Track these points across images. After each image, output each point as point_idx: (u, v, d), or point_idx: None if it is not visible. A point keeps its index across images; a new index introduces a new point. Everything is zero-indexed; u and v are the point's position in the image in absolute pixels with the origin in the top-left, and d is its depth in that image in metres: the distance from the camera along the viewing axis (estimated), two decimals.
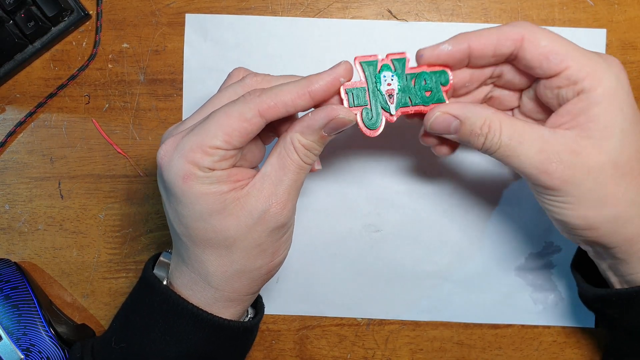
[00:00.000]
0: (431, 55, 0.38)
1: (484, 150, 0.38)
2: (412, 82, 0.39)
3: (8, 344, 0.47)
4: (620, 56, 0.51)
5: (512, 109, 0.43)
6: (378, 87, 0.38)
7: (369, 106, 0.38)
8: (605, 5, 0.51)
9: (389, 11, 0.52)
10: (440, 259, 0.52)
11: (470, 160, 0.51)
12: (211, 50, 0.51)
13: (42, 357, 0.47)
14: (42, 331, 0.48)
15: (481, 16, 0.51)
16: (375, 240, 0.52)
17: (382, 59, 0.39)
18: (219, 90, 0.40)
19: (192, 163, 0.36)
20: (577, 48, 0.37)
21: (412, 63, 0.39)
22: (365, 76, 0.38)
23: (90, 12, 0.52)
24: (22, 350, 0.47)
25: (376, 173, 0.51)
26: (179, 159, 0.36)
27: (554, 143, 0.36)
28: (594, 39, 0.51)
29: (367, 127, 0.39)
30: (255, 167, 0.42)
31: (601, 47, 0.51)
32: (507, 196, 0.51)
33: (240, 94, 0.38)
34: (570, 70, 0.36)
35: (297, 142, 0.37)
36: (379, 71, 0.38)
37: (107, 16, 0.52)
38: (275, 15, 0.52)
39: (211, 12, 0.52)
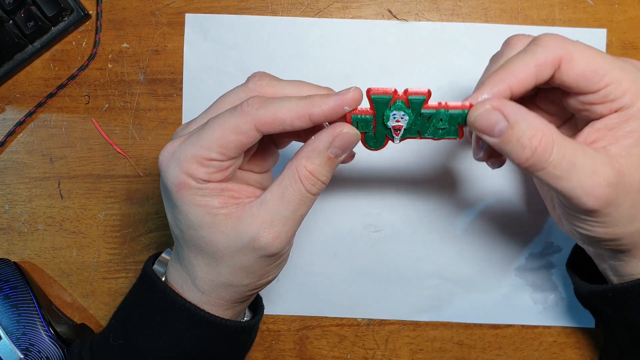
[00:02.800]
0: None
1: (527, 166, 0.34)
2: (426, 120, 0.36)
3: (7, 344, 0.46)
4: (620, 56, 0.50)
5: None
6: (386, 122, 0.36)
7: (373, 132, 0.37)
8: (605, 5, 0.51)
9: (389, 11, 0.52)
10: (440, 259, 0.52)
11: (471, 161, 0.51)
12: (211, 50, 0.51)
13: (42, 357, 0.47)
14: (41, 331, 0.48)
15: (481, 16, 0.51)
16: (375, 240, 0.52)
17: (398, 95, 0.35)
18: (226, 93, 0.39)
19: (187, 173, 0.36)
20: (613, 61, 0.35)
21: (432, 100, 0.36)
22: (374, 111, 0.36)
23: (90, 12, 0.52)
24: (21, 350, 0.47)
25: (376, 173, 0.51)
26: (175, 167, 0.36)
27: (602, 164, 0.34)
28: (594, 39, 0.51)
29: (368, 147, 0.38)
30: (269, 173, 0.42)
31: (601, 47, 0.51)
32: (508, 196, 0.51)
33: (243, 98, 0.37)
34: (609, 88, 0.34)
35: (303, 169, 0.36)
36: (390, 107, 0.36)
37: (107, 16, 0.52)
38: (275, 15, 0.52)
39: (211, 12, 0.52)
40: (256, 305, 0.47)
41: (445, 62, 0.51)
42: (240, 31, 0.51)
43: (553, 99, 0.40)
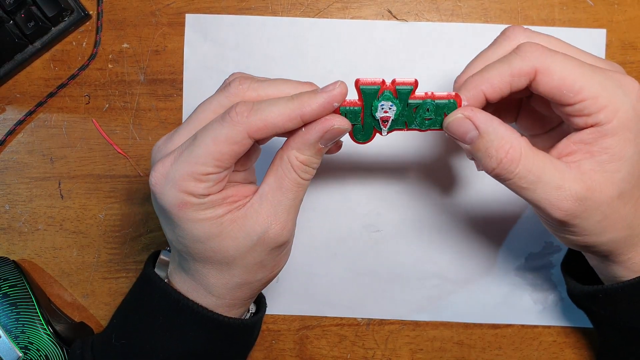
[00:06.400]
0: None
1: (493, 175, 0.36)
2: (413, 110, 0.37)
3: (6, 342, 0.46)
4: (620, 56, 0.51)
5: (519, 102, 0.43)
6: (374, 114, 0.37)
7: (361, 123, 0.38)
8: (605, 5, 0.51)
9: (389, 11, 0.52)
10: (440, 259, 0.52)
11: (470, 161, 0.51)
12: (211, 50, 0.52)
13: (41, 355, 0.47)
14: (40, 329, 0.48)
15: (481, 16, 0.51)
16: (375, 240, 0.52)
17: (386, 85, 0.36)
18: (206, 100, 0.38)
19: (186, 192, 0.35)
20: (592, 75, 0.35)
21: (419, 89, 0.37)
22: (362, 102, 0.37)
23: (91, 12, 0.52)
24: (20, 348, 0.47)
25: (376, 173, 0.51)
26: (172, 188, 0.35)
27: (571, 180, 0.35)
28: (594, 39, 0.51)
29: (356, 140, 0.39)
30: (251, 168, 0.42)
31: (601, 47, 0.51)
32: (508, 196, 0.51)
33: (226, 105, 0.36)
34: (585, 102, 0.34)
35: (295, 159, 0.36)
36: (378, 98, 0.36)
37: (107, 16, 0.52)
38: (275, 16, 0.52)
39: (211, 12, 0.52)
40: (259, 302, 0.47)
41: (445, 62, 0.51)
42: (240, 31, 0.51)
43: (547, 102, 0.40)
